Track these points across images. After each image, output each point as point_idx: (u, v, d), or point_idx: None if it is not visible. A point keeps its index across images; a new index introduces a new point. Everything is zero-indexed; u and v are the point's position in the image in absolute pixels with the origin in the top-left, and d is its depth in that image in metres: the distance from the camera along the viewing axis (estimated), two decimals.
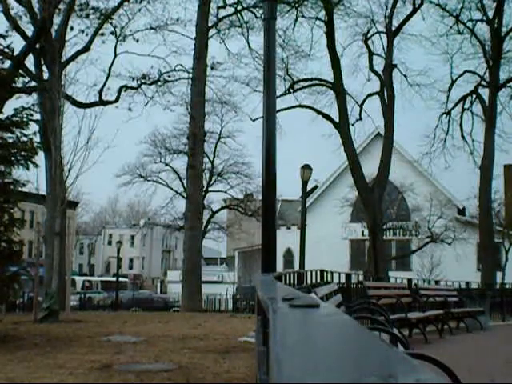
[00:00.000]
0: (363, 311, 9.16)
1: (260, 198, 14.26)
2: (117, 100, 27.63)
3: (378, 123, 32.64)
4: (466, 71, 30.69)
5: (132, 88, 28.47)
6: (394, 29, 28.31)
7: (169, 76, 29.08)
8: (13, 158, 12.72)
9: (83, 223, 74.84)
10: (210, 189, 41.99)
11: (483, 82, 30.30)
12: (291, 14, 27.36)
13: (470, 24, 29.78)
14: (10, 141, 12.82)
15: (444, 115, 31.57)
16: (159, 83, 28.93)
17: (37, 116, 15.77)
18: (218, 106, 37.60)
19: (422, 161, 32.33)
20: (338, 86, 27.08)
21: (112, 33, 27.21)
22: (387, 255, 32.78)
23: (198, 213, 26.86)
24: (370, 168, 28.21)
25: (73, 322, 15.00)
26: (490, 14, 29.29)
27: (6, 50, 18.69)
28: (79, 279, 45.76)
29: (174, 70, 28.96)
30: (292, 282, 7.95)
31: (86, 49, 25.11)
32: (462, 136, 31.46)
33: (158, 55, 28.77)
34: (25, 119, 13.05)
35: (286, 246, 38.85)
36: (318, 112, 29.00)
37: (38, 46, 22.64)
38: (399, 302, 12.79)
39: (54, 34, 22.58)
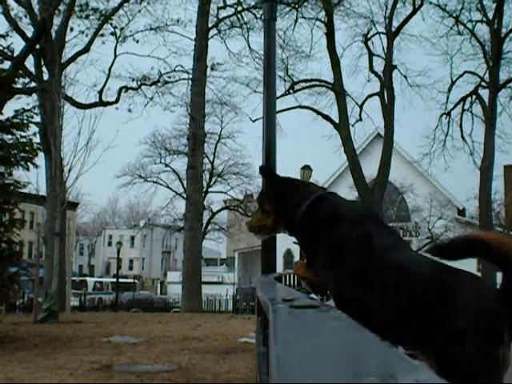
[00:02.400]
0: None
1: None
2: (117, 101, 27.64)
3: (378, 124, 32.70)
4: (465, 72, 30.71)
5: (132, 89, 28.49)
6: (393, 29, 28.33)
7: (169, 77, 29.11)
8: (13, 159, 12.72)
9: (83, 224, 74.79)
10: (209, 189, 41.98)
11: (483, 83, 30.31)
12: (291, 14, 27.41)
13: (469, 25, 29.82)
14: (10, 142, 12.82)
15: (444, 116, 31.60)
16: (159, 84, 28.95)
17: (37, 118, 15.79)
18: (218, 107, 37.60)
19: (422, 161, 32.37)
20: (338, 87, 27.10)
21: (112, 34, 27.24)
22: None
23: (198, 214, 26.85)
24: (369, 169, 28.21)
25: (73, 323, 15.00)
26: (490, 14, 29.31)
27: (6, 50, 18.71)
28: (91, 280, 46.06)
29: (174, 70, 28.99)
30: (292, 282, 7.96)
31: (86, 50, 25.10)
32: (462, 137, 31.47)
33: (158, 56, 28.95)
34: (25, 121, 13.04)
35: (285, 247, 38.80)
36: (318, 113, 29.03)
37: (37, 46, 22.63)
38: None
39: (53, 34, 22.58)
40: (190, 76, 27.37)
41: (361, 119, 30.23)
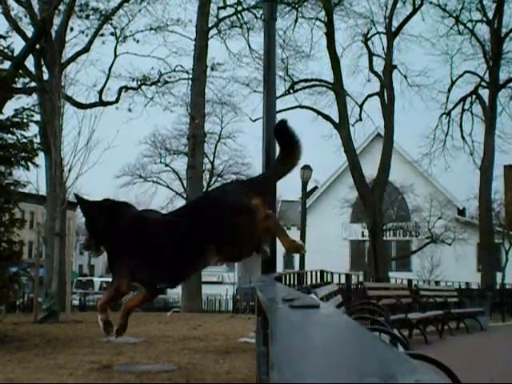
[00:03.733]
0: (363, 312, 9.16)
1: None
2: (117, 101, 27.62)
3: (378, 124, 32.71)
4: (465, 72, 30.71)
5: (132, 89, 28.47)
6: (393, 29, 28.35)
7: (169, 77, 29.07)
8: (13, 159, 12.71)
9: (83, 224, 74.62)
10: (210, 189, 41.93)
11: (483, 83, 30.32)
12: (291, 14, 27.41)
13: (469, 25, 29.83)
14: (11, 142, 12.81)
15: (444, 116, 31.61)
16: (159, 84, 28.93)
17: (37, 117, 15.77)
18: (218, 107, 37.54)
19: (422, 161, 32.40)
20: (338, 87, 27.10)
21: (112, 33, 27.22)
22: (387, 256, 32.77)
23: None
24: (370, 168, 28.21)
25: (73, 323, 14.98)
26: (490, 14, 29.33)
27: (6, 50, 18.69)
28: (97, 280, 46.24)
29: (174, 70, 28.96)
30: (292, 282, 7.95)
31: (86, 49, 25.09)
32: (462, 137, 31.49)
33: (158, 56, 28.86)
34: (25, 120, 13.03)
35: None
36: (318, 113, 29.04)
37: (37, 46, 22.62)
38: (399, 302, 12.79)
39: (53, 34, 22.56)
40: (190, 76, 27.33)
41: (361, 119, 30.26)
